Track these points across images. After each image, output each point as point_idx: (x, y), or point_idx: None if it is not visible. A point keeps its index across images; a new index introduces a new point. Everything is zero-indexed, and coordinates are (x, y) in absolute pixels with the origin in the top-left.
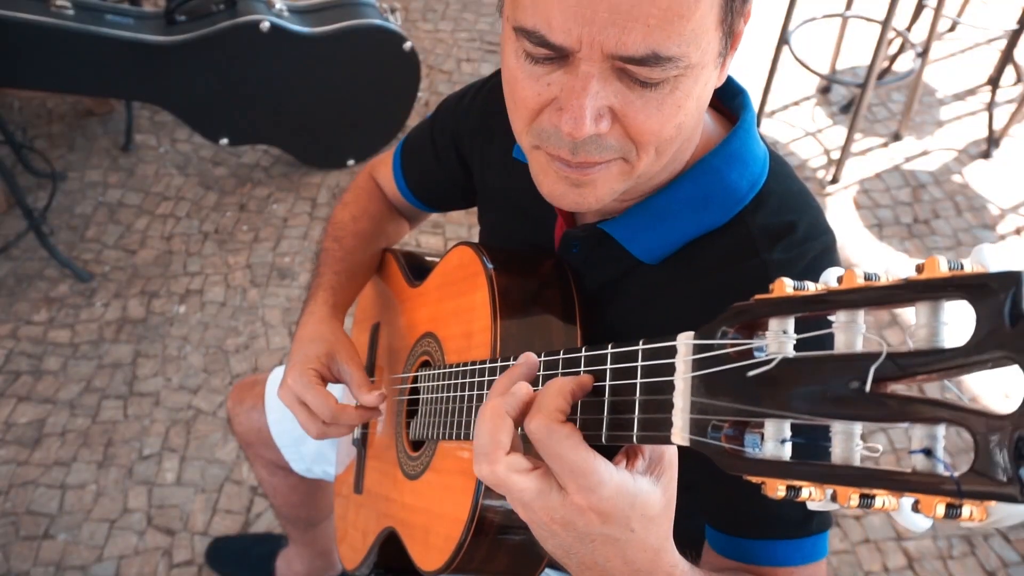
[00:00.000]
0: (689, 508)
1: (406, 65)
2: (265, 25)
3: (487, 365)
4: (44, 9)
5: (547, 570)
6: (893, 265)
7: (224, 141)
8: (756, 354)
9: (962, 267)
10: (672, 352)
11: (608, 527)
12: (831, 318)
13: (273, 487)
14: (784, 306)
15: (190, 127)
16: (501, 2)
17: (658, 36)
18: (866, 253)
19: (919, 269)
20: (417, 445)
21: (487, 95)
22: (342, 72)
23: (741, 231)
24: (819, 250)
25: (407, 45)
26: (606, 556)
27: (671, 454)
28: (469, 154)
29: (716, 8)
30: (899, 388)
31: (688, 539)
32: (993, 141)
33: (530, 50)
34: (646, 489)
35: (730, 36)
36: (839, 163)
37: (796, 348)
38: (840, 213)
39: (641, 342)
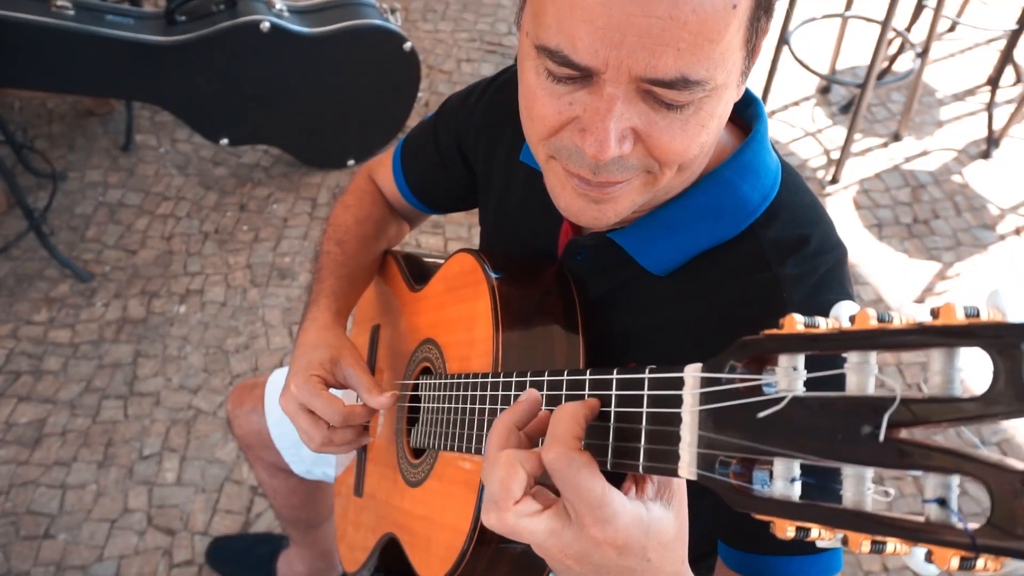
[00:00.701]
0: (699, 511)
1: (406, 65)
2: (265, 25)
3: (489, 379)
4: (44, 9)
5: None
6: (906, 305)
7: (224, 141)
8: (765, 390)
9: (978, 314)
10: (679, 383)
11: (625, 559)
12: (843, 355)
13: (274, 489)
14: (794, 343)
15: (190, 127)
16: (519, 16)
17: (688, 60)
18: (866, 253)
19: (934, 314)
20: (418, 452)
21: (493, 94)
22: (342, 72)
23: (752, 244)
24: (831, 264)
25: (407, 45)
26: None
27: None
28: (472, 153)
29: (743, 30)
30: (912, 434)
31: (696, 546)
32: (993, 141)
33: (552, 69)
34: (659, 516)
35: (752, 54)
36: (839, 163)
37: (807, 384)
38: (840, 213)
39: (647, 370)
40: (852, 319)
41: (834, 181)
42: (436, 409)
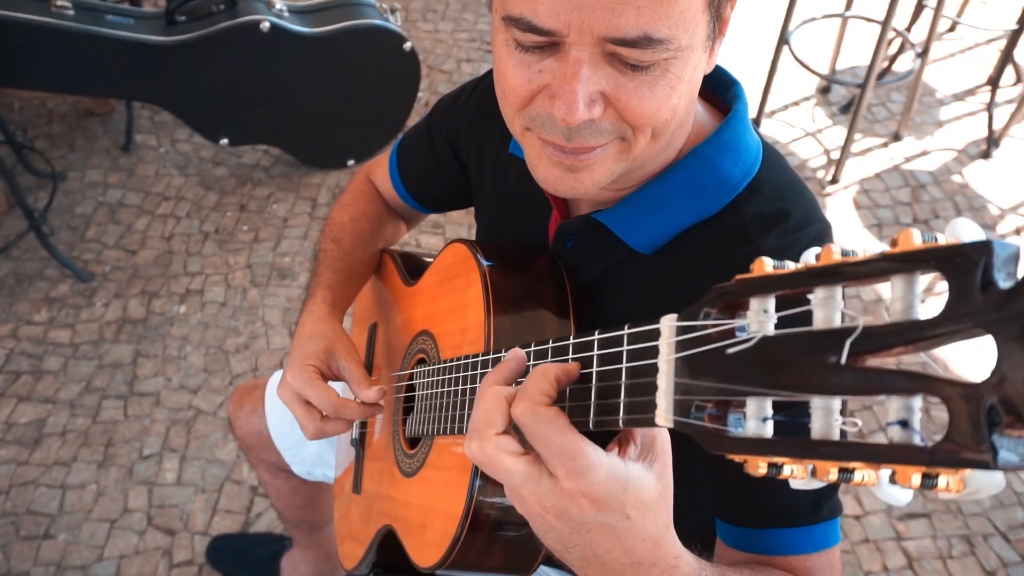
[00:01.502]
0: (696, 499)
1: (406, 65)
2: (265, 25)
3: (479, 359)
4: (44, 9)
5: (543, 567)
6: (872, 242)
7: (224, 141)
8: (738, 334)
9: (936, 240)
10: (656, 335)
11: (602, 514)
12: (810, 296)
13: (275, 490)
14: (764, 285)
15: (190, 127)
16: None
17: (648, 17)
18: None
19: (893, 243)
20: (414, 442)
21: (482, 93)
22: (342, 72)
23: (735, 219)
24: (812, 237)
25: (407, 45)
26: (605, 547)
27: (663, 441)
28: (465, 152)
29: None
30: (877, 362)
31: (696, 534)
32: (993, 141)
33: (519, 38)
34: (638, 474)
35: (717, 20)
36: (839, 163)
37: (777, 326)
38: (840, 213)
39: (627, 327)
40: (817, 257)
41: (834, 181)
42: (430, 395)
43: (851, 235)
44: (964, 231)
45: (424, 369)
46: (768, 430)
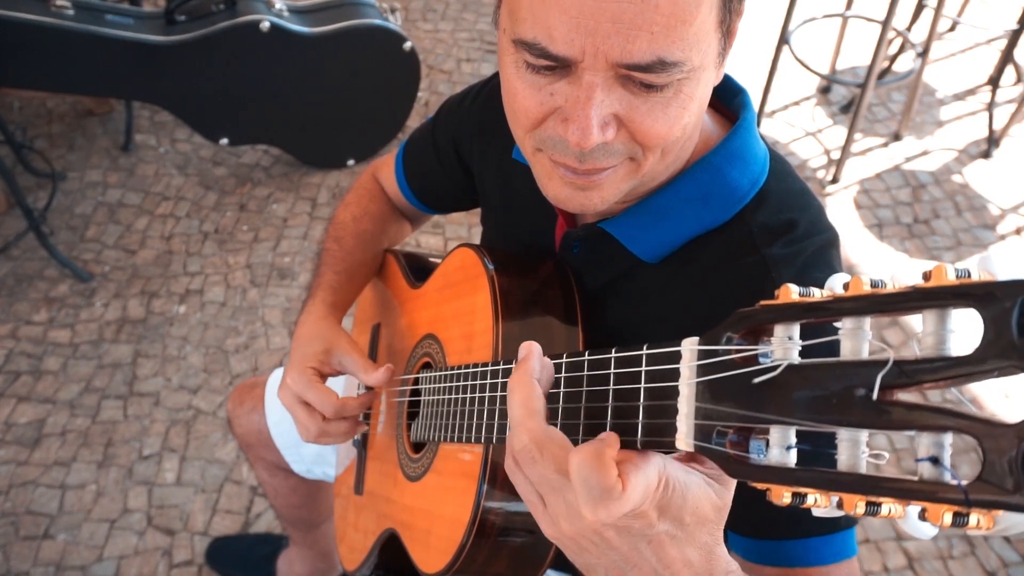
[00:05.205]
0: None
1: (406, 65)
2: (265, 25)
3: (489, 368)
4: (44, 9)
5: (549, 571)
6: (899, 271)
7: (224, 141)
8: (761, 360)
9: (969, 275)
10: (676, 357)
11: (664, 522)
12: (837, 324)
13: (274, 488)
14: (789, 312)
15: (190, 127)
16: (496, 14)
17: (662, 42)
18: (866, 253)
19: (926, 277)
20: (418, 447)
21: (487, 97)
22: (342, 72)
23: (741, 229)
24: (819, 245)
25: (407, 45)
26: (666, 560)
27: None
28: (469, 156)
29: (716, 10)
30: (905, 395)
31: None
32: (993, 141)
33: (531, 61)
34: (697, 481)
35: (727, 36)
36: (839, 163)
37: (801, 354)
38: (840, 213)
39: (645, 347)
40: (845, 286)
41: (834, 181)
42: (436, 401)
43: (852, 235)
44: (998, 266)
45: (431, 375)
46: (792, 459)
